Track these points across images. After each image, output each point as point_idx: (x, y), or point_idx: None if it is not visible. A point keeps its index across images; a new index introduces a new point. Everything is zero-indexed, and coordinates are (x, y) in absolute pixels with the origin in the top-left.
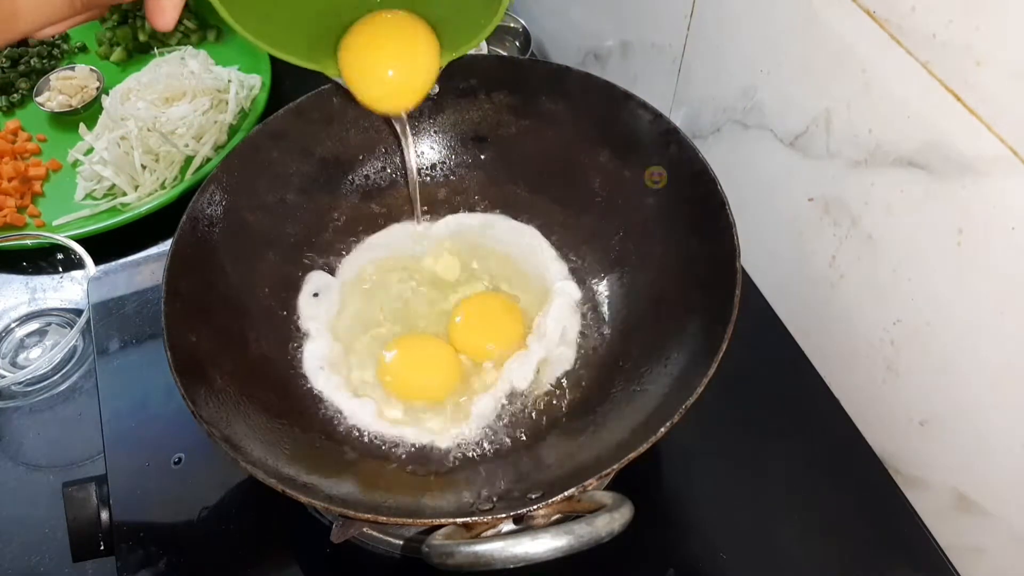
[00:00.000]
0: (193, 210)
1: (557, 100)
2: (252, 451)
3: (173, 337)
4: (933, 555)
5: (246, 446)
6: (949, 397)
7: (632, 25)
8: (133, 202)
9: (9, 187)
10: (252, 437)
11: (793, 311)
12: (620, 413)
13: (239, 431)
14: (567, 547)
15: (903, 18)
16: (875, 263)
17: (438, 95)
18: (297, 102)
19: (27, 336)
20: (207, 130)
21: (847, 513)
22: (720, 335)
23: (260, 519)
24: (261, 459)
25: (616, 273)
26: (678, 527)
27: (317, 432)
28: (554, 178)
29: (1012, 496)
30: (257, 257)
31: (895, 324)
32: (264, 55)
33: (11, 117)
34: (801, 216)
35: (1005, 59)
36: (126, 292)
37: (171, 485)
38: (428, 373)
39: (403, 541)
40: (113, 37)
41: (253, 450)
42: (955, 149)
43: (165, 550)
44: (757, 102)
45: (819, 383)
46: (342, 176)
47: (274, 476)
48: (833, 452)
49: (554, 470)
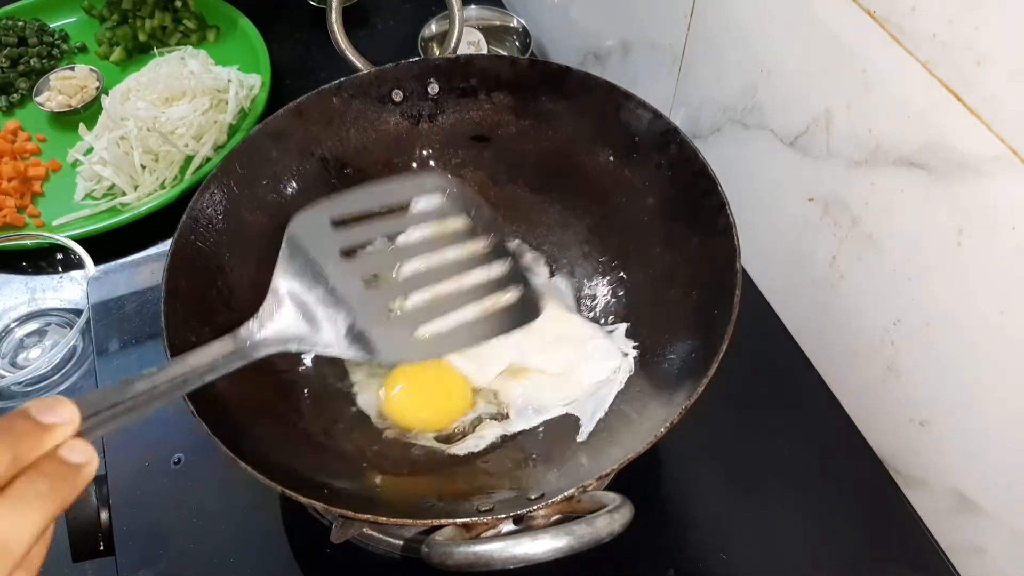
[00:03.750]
0: (193, 210)
1: (557, 100)
2: (252, 451)
3: (173, 337)
4: (933, 555)
5: (246, 446)
6: (949, 397)
7: (632, 25)
8: (133, 202)
9: (9, 187)
10: (252, 437)
11: (793, 311)
12: (620, 413)
13: (239, 431)
14: (567, 548)
15: (903, 18)
16: (875, 263)
17: (438, 95)
18: (297, 102)
19: (27, 336)
20: (207, 130)
21: (847, 513)
22: (720, 335)
23: (260, 519)
24: (261, 459)
25: (616, 273)
26: (678, 527)
27: (317, 432)
28: (554, 178)
29: (1012, 496)
30: (257, 257)
31: (895, 324)
32: (264, 55)
33: (11, 117)
34: (801, 216)
35: (1005, 59)
36: (126, 292)
37: (171, 485)
38: (434, 407)
39: (403, 541)
40: (113, 37)
41: (253, 450)
42: (955, 149)
43: (165, 550)
44: (757, 102)
45: (819, 383)
46: (342, 176)
47: (274, 476)
48: (833, 452)
49: (553, 471)
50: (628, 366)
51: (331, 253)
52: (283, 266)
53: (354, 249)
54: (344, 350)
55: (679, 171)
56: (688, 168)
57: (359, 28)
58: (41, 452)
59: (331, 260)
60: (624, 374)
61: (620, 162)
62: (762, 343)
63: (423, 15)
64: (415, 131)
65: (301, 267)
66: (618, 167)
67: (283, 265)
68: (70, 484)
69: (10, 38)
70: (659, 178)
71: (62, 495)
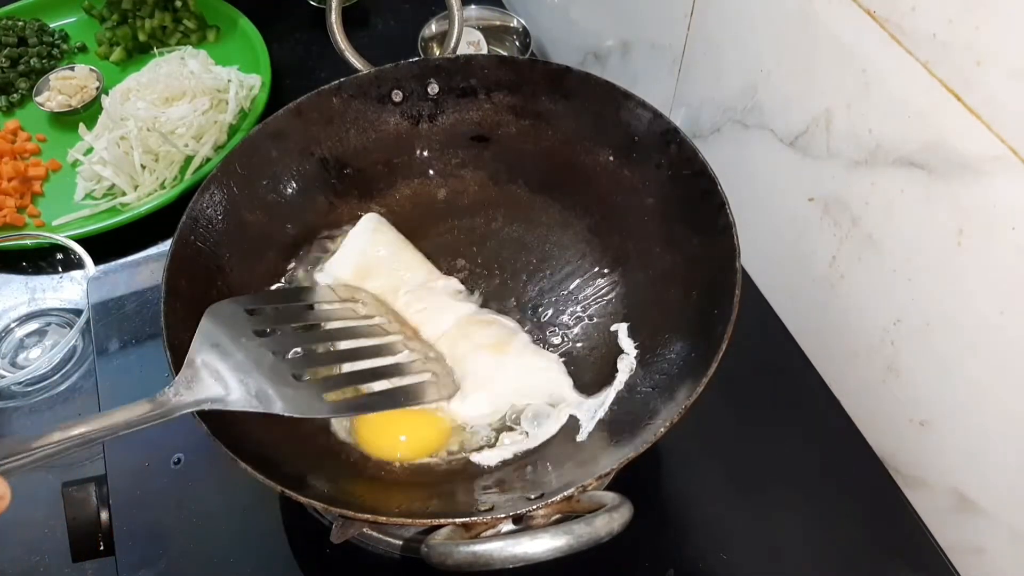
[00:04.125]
0: (193, 210)
1: (557, 100)
2: (252, 451)
3: (173, 337)
4: (933, 555)
5: (246, 446)
6: (949, 397)
7: (632, 25)
8: (133, 202)
9: (9, 187)
10: (251, 437)
11: (793, 311)
12: (620, 413)
13: (238, 431)
14: (566, 547)
15: (903, 18)
16: (875, 263)
17: (438, 95)
18: (297, 102)
19: (27, 336)
20: (207, 130)
21: (847, 513)
22: (720, 335)
23: (260, 519)
24: (261, 459)
25: (615, 273)
26: (678, 527)
27: (317, 432)
28: (554, 178)
29: (1012, 496)
30: (257, 257)
31: (895, 324)
32: (264, 55)
33: (11, 117)
34: (801, 216)
35: (1005, 59)
36: (126, 292)
37: (171, 485)
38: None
39: (403, 541)
40: (113, 37)
41: (253, 450)
42: (955, 149)
43: (165, 550)
44: (757, 102)
45: (819, 383)
46: (342, 176)
47: (273, 476)
48: (833, 452)
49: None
50: (628, 366)
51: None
52: (198, 342)
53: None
54: (253, 406)
55: (679, 171)
56: (688, 168)
57: (359, 28)
58: None
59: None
60: (624, 374)
61: (620, 162)
62: (762, 343)
63: (423, 15)
64: (415, 131)
65: (215, 343)
66: (618, 167)
67: (198, 341)
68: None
69: (10, 38)
70: (659, 178)
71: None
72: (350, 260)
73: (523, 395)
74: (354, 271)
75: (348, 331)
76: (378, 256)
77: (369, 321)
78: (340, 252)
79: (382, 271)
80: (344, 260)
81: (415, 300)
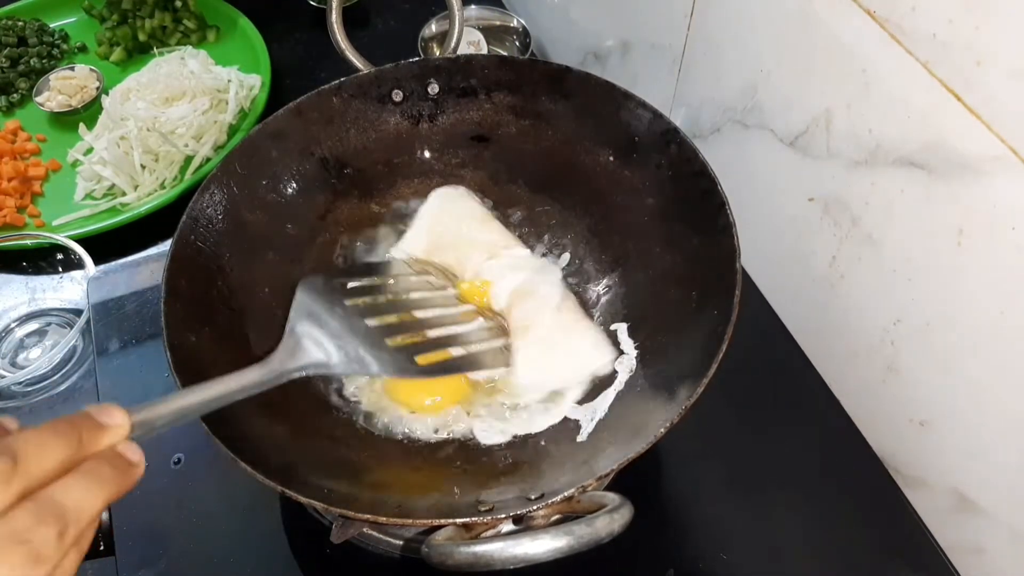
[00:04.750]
0: (193, 210)
1: (557, 100)
2: (252, 451)
3: (173, 337)
4: (933, 555)
5: (246, 446)
6: (949, 397)
7: (632, 25)
8: (133, 202)
9: (9, 187)
10: (252, 437)
11: (793, 311)
12: (620, 414)
13: (239, 431)
14: (567, 548)
15: (903, 18)
16: (875, 263)
17: (438, 95)
18: (297, 102)
19: (27, 336)
20: (207, 130)
21: (847, 513)
22: (720, 335)
23: (260, 519)
24: (261, 459)
25: (616, 273)
26: (678, 527)
27: (317, 433)
28: (554, 178)
29: (1012, 496)
30: (257, 257)
31: (895, 324)
32: (264, 55)
33: (11, 117)
34: (801, 216)
35: (1005, 59)
36: (126, 292)
37: (171, 485)
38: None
39: (403, 541)
40: (113, 37)
41: (253, 450)
42: (955, 149)
43: (165, 550)
44: (757, 102)
45: (819, 383)
46: (342, 176)
47: (274, 476)
48: (833, 452)
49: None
50: (628, 366)
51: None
52: (296, 312)
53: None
54: (354, 370)
55: (679, 171)
56: (688, 168)
57: (359, 28)
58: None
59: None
60: (624, 374)
61: (620, 162)
62: (762, 343)
63: (423, 15)
64: (415, 131)
65: (310, 313)
66: (618, 167)
67: (296, 312)
68: (127, 476)
69: (10, 38)
70: (659, 178)
71: (120, 483)
72: (421, 236)
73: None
74: (425, 246)
75: (427, 301)
76: (446, 231)
77: (444, 292)
78: (411, 229)
79: (450, 245)
80: (415, 236)
81: (484, 271)
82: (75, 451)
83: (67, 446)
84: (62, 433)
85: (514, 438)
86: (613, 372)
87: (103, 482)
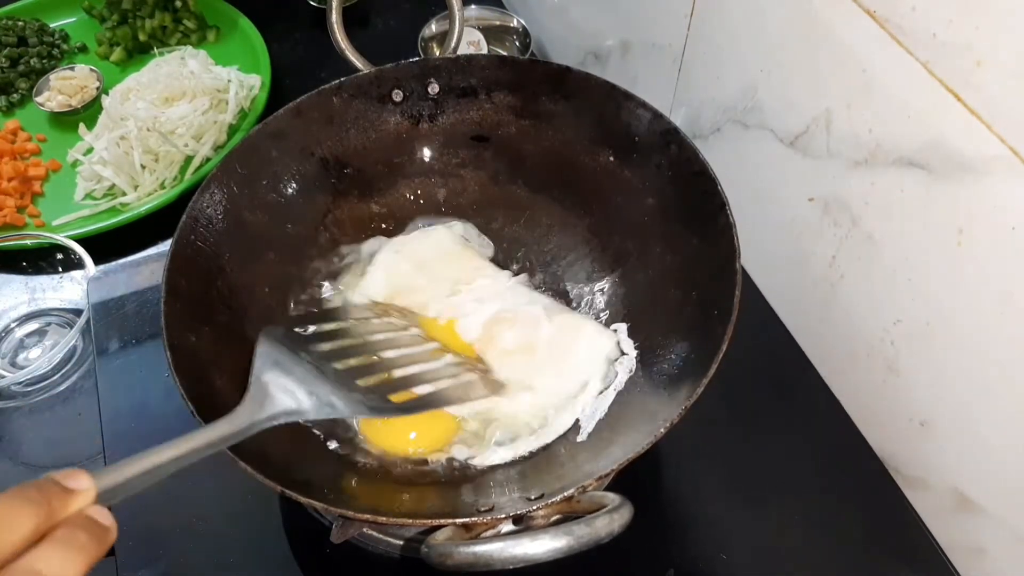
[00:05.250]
0: (193, 210)
1: (557, 100)
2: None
3: (173, 337)
4: (933, 555)
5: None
6: (949, 397)
7: (632, 25)
8: (133, 202)
9: (9, 187)
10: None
11: (793, 311)
12: (620, 414)
13: None
14: (567, 548)
15: (903, 18)
16: (875, 263)
17: (438, 95)
18: (297, 102)
19: (27, 336)
20: (207, 130)
21: (847, 513)
22: (720, 335)
23: (260, 519)
24: (261, 459)
25: (616, 273)
26: (678, 527)
27: (317, 433)
28: (554, 178)
29: (1012, 496)
30: (257, 257)
31: (895, 324)
32: (264, 55)
33: (11, 117)
34: (801, 216)
35: (1005, 59)
36: (126, 292)
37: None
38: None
39: (403, 541)
40: (113, 37)
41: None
42: (955, 149)
43: (165, 550)
44: (757, 102)
45: (819, 383)
46: (342, 176)
47: (274, 477)
48: (833, 452)
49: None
50: (628, 366)
51: (301, 347)
52: (260, 362)
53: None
54: (327, 414)
55: (679, 171)
56: (688, 168)
57: (359, 28)
58: (68, 512)
59: (301, 352)
60: (624, 374)
61: (620, 162)
62: (762, 343)
63: (423, 15)
64: (415, 131)
65: (275, 361)
66: (618, 167)
67: (260, 361)
68: (102, 542)
69: (10, 38)
70: (659, 178)
71: (95, 550)
72: (379, 282)
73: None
74: (384, 291)
75: (392, 341)
76: (404, 273)
77: (408, 332)
78: (368, 278)
79: (408, 288)
80: (373, 282)
81: (445, 309)
82: (45, 518)
83: (36, 513)
84: (32, 500)
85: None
86: (614, 371)
87: (80, 549)
